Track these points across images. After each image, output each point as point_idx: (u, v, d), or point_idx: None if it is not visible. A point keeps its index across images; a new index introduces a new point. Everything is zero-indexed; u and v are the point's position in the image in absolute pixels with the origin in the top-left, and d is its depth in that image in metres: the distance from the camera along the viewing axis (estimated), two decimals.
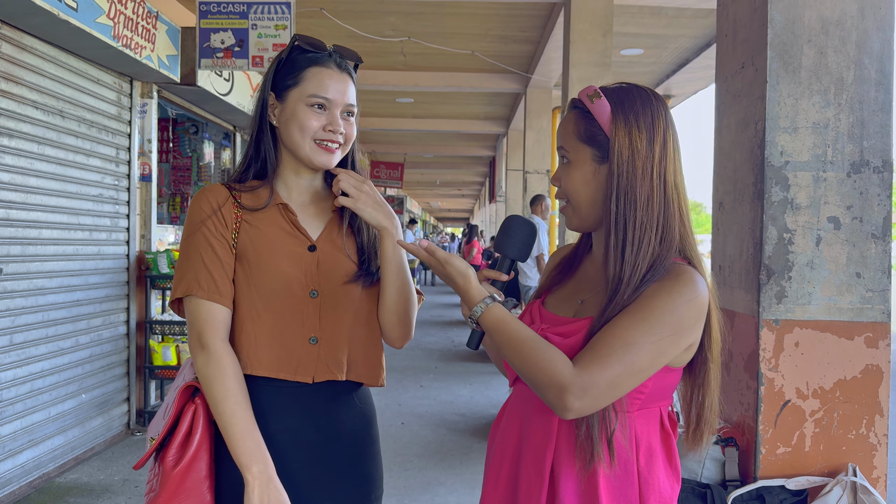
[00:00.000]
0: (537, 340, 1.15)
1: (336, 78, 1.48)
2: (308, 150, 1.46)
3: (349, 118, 1.50)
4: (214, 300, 1.41)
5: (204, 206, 1.45)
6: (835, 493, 2.04)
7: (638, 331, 1.12)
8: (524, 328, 1.18)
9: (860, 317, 2.18)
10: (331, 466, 1.47)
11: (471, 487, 4.07)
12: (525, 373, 1.15)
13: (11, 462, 3.77)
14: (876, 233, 2.20)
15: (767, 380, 2.18)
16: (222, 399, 1.35)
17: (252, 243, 1.45)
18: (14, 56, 3.76)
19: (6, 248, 3.74)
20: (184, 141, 6.97)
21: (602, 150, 1.23)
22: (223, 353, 1.39)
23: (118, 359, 4.89)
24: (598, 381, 1.10)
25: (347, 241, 1.52)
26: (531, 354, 1.14)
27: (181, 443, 1.38)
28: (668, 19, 6.29)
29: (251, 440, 1.34)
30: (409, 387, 6.62)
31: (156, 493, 1.35)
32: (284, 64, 1.50)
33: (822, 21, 2.18)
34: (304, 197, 1.53)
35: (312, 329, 1.45)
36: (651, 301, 1.15)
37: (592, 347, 1.13)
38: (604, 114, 1.22)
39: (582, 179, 1.24)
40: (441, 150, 15.19)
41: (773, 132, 2.19)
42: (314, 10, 5.94)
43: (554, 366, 1.11)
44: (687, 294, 1.15)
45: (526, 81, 8.31)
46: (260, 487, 1.32)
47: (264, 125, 1.51)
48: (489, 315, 1.20)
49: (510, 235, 1.30)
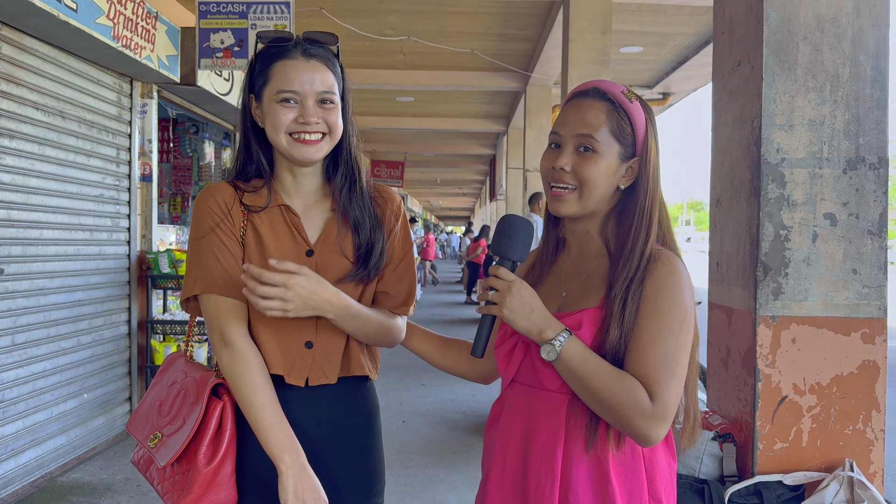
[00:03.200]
0: (616, 373, 1.18)
1: (302, 68, 1.41)
2: (286, 146, 1.42)
3: (327, 105, 1.43)
4: (233, 296, 1.41)
5: (213, 206, 1.44)
6: (832, 488, 2.05)
7: (665, 339, 1.19)
8: (601, 360, 1.19)
9: (857, 313, 2.19)
10: (333, 460, 1.49)
11: (472, 485, 4.08)
12: (605, 405, 1.17)
13: (14, 462, 3.79)
14: (872, 229, 2.20)
15: (764, 376, 2.19)
16: (251, 393, 1.36)
17: (254, 244, 1.45)
18: (14, 57, 3.77)
19: (7, 249, 3.76)
20: (184, 141, 6.98)
21: (627, 150, 1.29)
22: (247, 348, 1.39)
23: (120, 358, 4.91)
24: (667, 403, 1.17)
25: (345, 240, 1.50)
26: (614, 387, 1.16)
27: (212, 440, 1.38)
28: (666, 17, 6.30)
29: (282, 431, 1.36)
30: (410, 385, 6.64)
31: (187, 489, 1.36)
32: (256, 64, 1.47)
33: (818, 18, 2.19)
34: (304, 197, 1.51)
35: (308, 334, 1.46)
36: (658, 303, 1.20)
37: (643, 373, 1.17)
38: (640, 119, 1.30)
39: (606, 172, 1.28)
40: (441, 148, 15.19)
41: (769, 129, 2.20)
42: (314, 9, 5.95)
43: (636, 397, 1.15)
44: (682, 283, 1.23)
45: (525, 80, 8.32)
46: (294, 476, 1.34)
47: (249, 129, 1.49)
48: (573, 348, 1.19)
49: (511, 237, 1.29)
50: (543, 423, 1.26)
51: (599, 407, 1.18)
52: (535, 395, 1.29)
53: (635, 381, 1.17)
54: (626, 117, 1.28)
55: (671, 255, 1.26)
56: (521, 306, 1.20)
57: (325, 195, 1.54)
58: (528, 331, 1.20)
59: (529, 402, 1.30)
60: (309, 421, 1.46)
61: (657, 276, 1.22)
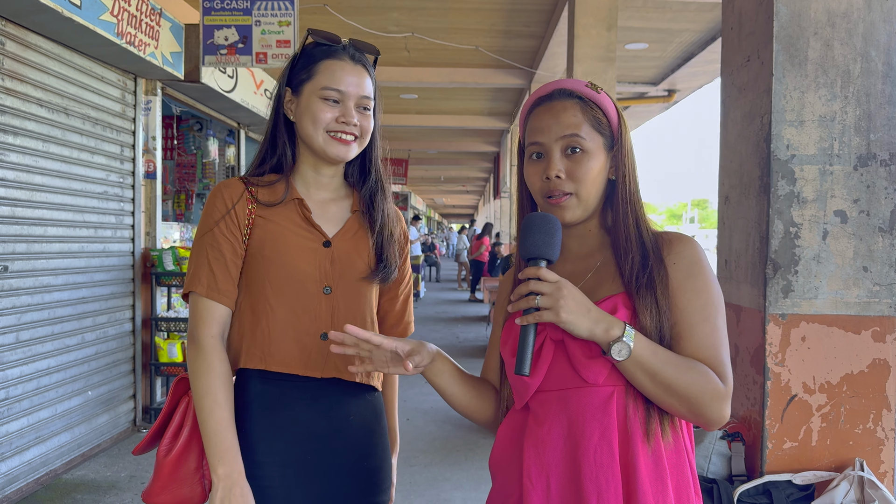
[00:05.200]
0: (682, 359, 1.15)
1: (349, 70, 1.47)
2: (321, 142, 1.46)
3: (365, 111, 1.49)
4: (213, 297, 1.42)
5: (218, 204, 1.46)
6: (842, 487, 2.03)
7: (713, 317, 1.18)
8: (665, 349, 1.15)
9: (867, 311, 2.17)
10: (342, 457, 1.49)
11: (476, 483, 4.07)
12: (683, 394, 1.12)
13: (18, 459, 3.79)
14: (883, 226, 2.18)
15: (774, 374, 2.17)
16: (202, 395, 1.37)
17: (267, 238, 1.46)
18: (19, 54, 3.76)
19: (11, 246, 3.75)
20: (188, 138, 6.97)
21: (608, 140, 1.27)
22: (212, 349, 1.40)
23: (124, 356, 4.91)
24: (730, 378, 1.16)
25: (365, 239, 1.52)
26: (690, 375, 1.13)
27: (173, 433, 1.41)
28: (672, 13, 6.27)
29: (222, 441, 1.34)
30: (415, 383, 6.62)
31: (151, 479, 1.40)
32: (300, 58, 1.51)
33: (829, 13, 2.17)
34: (323, 194, 1.54)
35: (324, 325, 1.46)
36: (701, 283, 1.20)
37: (706, 355, 1.16)
38: (610, 107, 1.28)
39: (599, 168, 1.25)
40: (445, 146, 15.18)
41: (779, 125, 2.18)
42: (318, 6, 5.93)
43: (712, 381, 1.14)
44: (706, 258, 1.23)
45: (530, 77, 8.29)
46: (223, 491, 1.32)
47: (279, 120, 1.51)
48: (641, 342, 1.12)
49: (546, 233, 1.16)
50: (592, 423, 1.15)
51: (674, 398, 1.12)
52: (575, 395, 1.17)
53: (703, 364, 1.14)
54: (598, 109, 1.26)
55: (684, 234, 1.26)
56: (578, 306, 1.10)
57: (346, 195, 1.57)
58: (592, 331, 1.10)
59: (567, 406, 1.17)
60: (317, 418, 1.46)
61: (685, 256, 1.21)
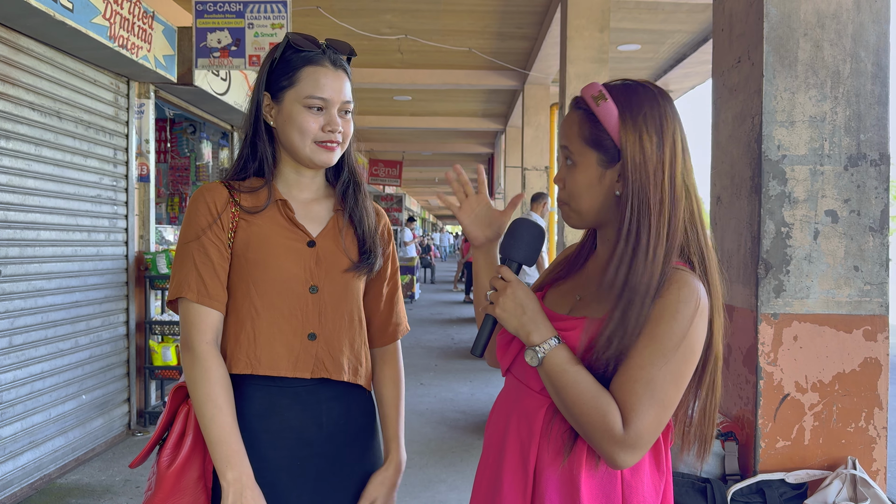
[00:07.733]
0: (594, 391, 1.13)
1: (331, 76, 1.45)
2: (309, 152, 1.45)
3: (346, 116, 1.49)
4: (203, 303, 1.40)
5: (202, 209, 1.44)
6: (834, 486, 2.04)
7: (655, 366, 1.11)
8: (583, 374, 1.14)
9: (858, 310, 2.18)
10: (335, 461, 1.48)
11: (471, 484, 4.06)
12: (577, 420, 1.14)
13: (12, 464, 3.77)
14: (873, 226, 2.20)
15: (766, 374, 2.18)
16: (203, 403, 1.35)
17: (251, 240, 1.45)
18: (10, 57, 3.75)
19: (4, 250, 3.74)
20: (181, 141, 6.96)
21: (609, 154, 1.19)
22: (208, 355, 1.38)
23: (118, 359, 4.89)
24: (640, 432, 1.10)
25: (348, 236, 1.52)
26: (587, 406, 1.12)
27: (175, 443, 1.38)
28: (664, 14, 6.29)
29: (227, 446, 1.34)
30: (410, 384, 6.62)
31: (152, 492, 1.36)
32: (278, 64, 1.47)
33: (818, 14, 2.18)
34: (306, 194, 1.53)
35: (312, 325, 1.45)
36: (658, 328, 1.12)
37: (623, 398, 1.11)
38: (611, 118, 1.18)
39: (586, 183, 1.21)
40: (439, 147, 15.18)
41: (769, 126, 2.19)
42: (311, 8, 5.93)
43: (607, 420, 1.10)
44: (689, 309, 1.12)
45: (523, 78, 8.31)
46: (234, 495, 1.32)
47: (259, 127, 1.49)
48: (555, 357, 1.16)
49: (516, 238, 1.27)
50: (524, 423, 1.25)
51: (572, 421, 1.15)
52: (523, 391, 1.28)
53: (613, 403, 1.11)
54: (597, 122, 1.20)
55: (687, 278, 1.15)
56: (514, 307, 1.18)
57: (328, 195, 1.57)
58: (517, 331, 1.19)
59: (518, 397, 1.29)
60: (309, 423, 1.45)
61: (665, 298, 1.13)
